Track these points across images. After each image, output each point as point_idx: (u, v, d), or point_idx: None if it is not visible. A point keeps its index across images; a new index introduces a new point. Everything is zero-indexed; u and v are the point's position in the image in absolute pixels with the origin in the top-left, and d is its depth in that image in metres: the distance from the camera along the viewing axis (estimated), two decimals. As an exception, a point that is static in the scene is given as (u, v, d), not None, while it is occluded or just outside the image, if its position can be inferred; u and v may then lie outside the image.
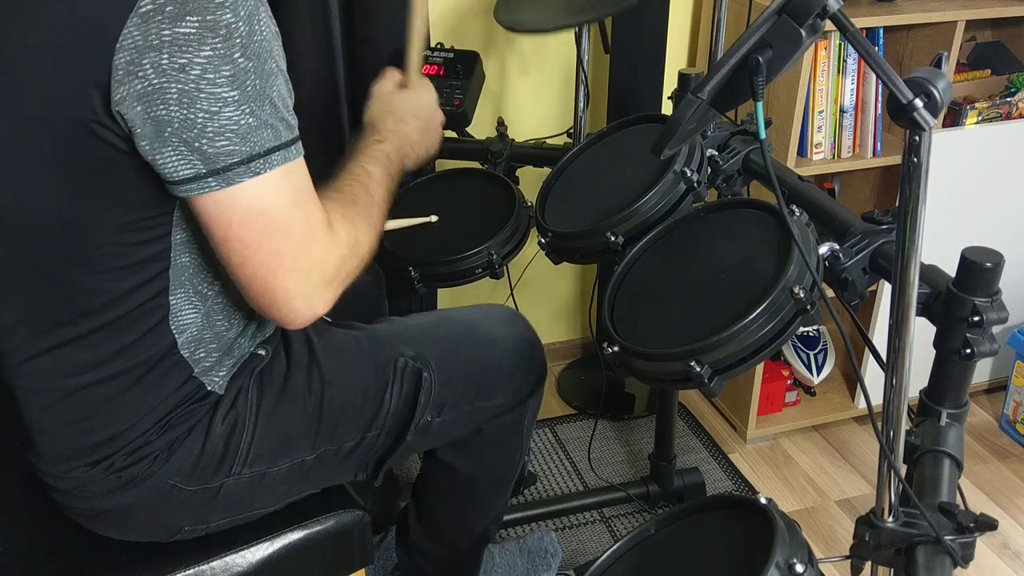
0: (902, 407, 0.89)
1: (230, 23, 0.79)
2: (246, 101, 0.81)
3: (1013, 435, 2.13)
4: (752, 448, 2.10)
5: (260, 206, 0.85)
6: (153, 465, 0.98)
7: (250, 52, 0.81)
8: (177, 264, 0.93)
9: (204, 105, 0.80)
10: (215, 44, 0.78)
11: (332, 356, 1.12)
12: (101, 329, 0.92)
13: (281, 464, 1.07)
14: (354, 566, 1.18)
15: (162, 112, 0.79)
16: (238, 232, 0.85)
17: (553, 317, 2.38)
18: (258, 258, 0.86)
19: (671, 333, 1.01)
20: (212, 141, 0.81)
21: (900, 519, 0.91)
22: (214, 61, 0.79)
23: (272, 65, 0.84)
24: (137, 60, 0.78)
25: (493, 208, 1.52)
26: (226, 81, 0.80)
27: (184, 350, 0.97)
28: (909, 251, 0.82)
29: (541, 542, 1.68)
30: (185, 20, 0.77)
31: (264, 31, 0.82)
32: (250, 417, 1.03)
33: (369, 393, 1.13)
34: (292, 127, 0.87)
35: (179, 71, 0.78)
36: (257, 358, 1.05)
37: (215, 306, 0.98)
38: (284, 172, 0.85)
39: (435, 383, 1.16)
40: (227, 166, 0.82)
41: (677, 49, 2.11)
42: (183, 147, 0.81)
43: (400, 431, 1.16)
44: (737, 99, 0.86)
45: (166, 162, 0.82)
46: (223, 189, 0.83)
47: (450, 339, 1.23)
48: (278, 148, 0.85)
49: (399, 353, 1.16)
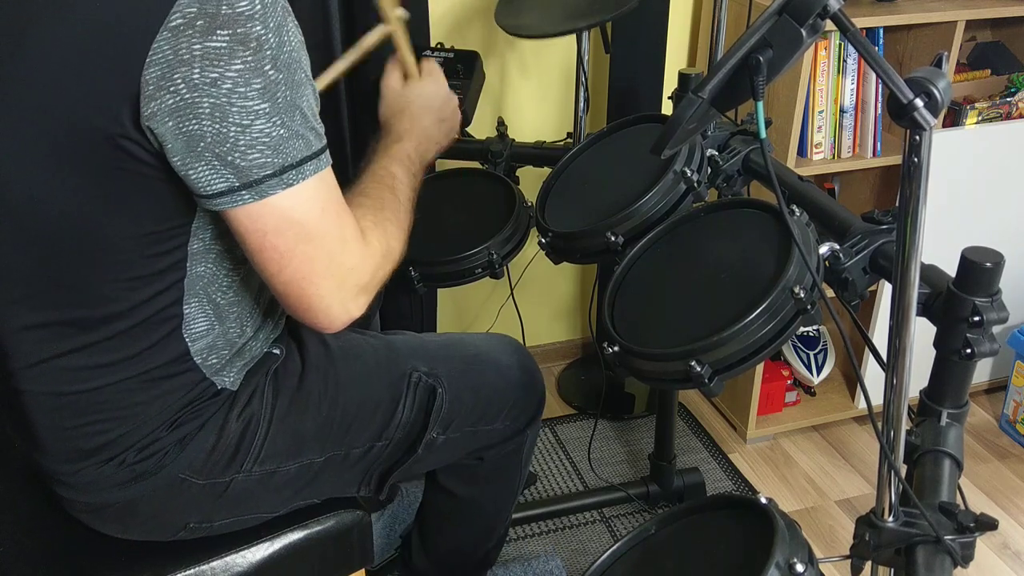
0: (902, 407, 0.89)
1: (260, 35, 0.79)
2: (277, 113, 0.81)
3: (1013, 435, 2.13)
4: (752, 448, 2.10)
5: (294, 216, 0.85)
6: (164, 459, 0.98)
7: (280, 64, 0.80)
8: (192, 274, 0.93)
9: (236, 119, 0.79)
10: (246, 57, 0.78)
11: (348, 362, 1.12)
12: (114, 337, 0.92)
13: (291, 464, 1.07)
14: (354, 566, 1.18)
15: (194, 127, 0.79)
16: (273, 242, 0.85)
17: (553, 317, 2.38)
18: (293, 266, 0.87)
19: (671, 333, 1.01)
20: (244, 154, 0.81)
21: (900, 519, 0.91)
22: (245, 74, 0.78)
23: (301, 75, 0.84)
24: (168, 75, 0.77)
25: (493, 208, 1.52)
26: (257, 94, 0.80)
27: (197, 357, 0.97)
28: (909, 251, 0.82)
29: (546, 565, 1.70)
30: (216, 34, 0.77)
31: (293, 41, 0.82)
32: (264, 416, 1.03)
33: (382, 403, 1.14)
34: (321, 136, 0.87)
35: (211, 85, 0.78)
36: (272, 357, 1.05)
37: (228, 315, 0.98)
38: (316, 181, 0.86)
39: (446, 400, 1.18)
40: (260, 178, 0.82)
41: (677, 49, 2.11)
42: (216, 161, 0.81)
43: (410, 444, 1.17)
44: (737, 99, 0.86)
45: (199, 177, 0.82)
46: (257, 201, 0.83)
47: (462, 360, 1.24)
48: (310, 158, 0.85)
49: (413, 367, 1.17)
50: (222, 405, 1.01)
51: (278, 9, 0.80)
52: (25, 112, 0.83)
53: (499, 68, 2.00)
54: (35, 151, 0.84)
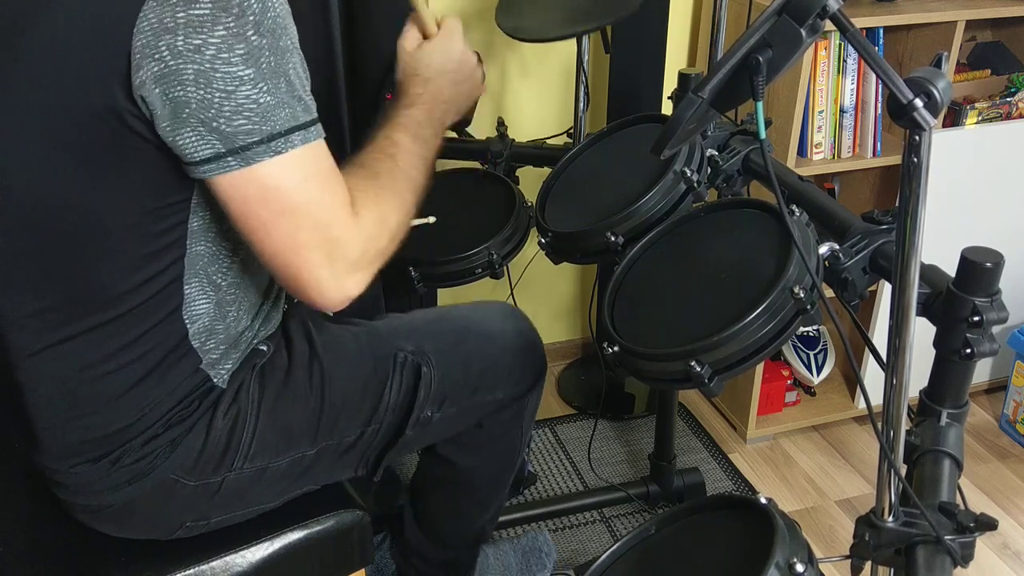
0: (902, 407, 0.89)
1: (242, 2, 0.79)
2: (262, 79, 0.81)
3: (1013, 435, 2.13)
4: (752, 448, 2.10)
5: (277, 184, 0.85)
6: (156, 460, 0.98)
7: (263, 29, 0.81)
8: (192, 253, 0.93)
9: (220, 84, 0.80)
10: (228, 23, 0.79)
11: (332, 352, 1.12)
12: (115, 320, 0.92)
13: (282, 459, 1.07)
14: (354, 566, 1.18)
15: (179, 93, 0.80)
16: (256, 210, 0.85)
17: (553, 317, 2.38)
18: (277, 237, 0.86)
19: (671, 333, 1.01)
20: (230, 120, 0.81)
21: (900, 519, 0.91)
22: (228, 40, 0.79)
23: (287, 42, 0.84)
24: (153, 43, 0.78)
25: (493, 208, 1.52)
26: (240, 60, 0.80)
27: (194, 340, 0.97)
28: (909, 251, 0.82)
29: (535, 541, 1.69)
30: (199, 2, 0.78)
31: (277, 7, 0.83)
32: (252, 412, 1.03)
33: (369, 388, 1.13)
34: (310, 108, 0.87)
35: (194, 52, 0.78)
36: (259, 353, 1.05)
37: (227, 296, 0.98)
38: (304, 151, 0.85)
39: (434, 378, 1.16)
40: (246, 145, 0.82)
41: (677, 49, 2.11)
42: (201, 127, 0.81)
43: (400, 425, 1.16)
44: (737, 99, 0.86)
45: (185, 143, 0.82)
46: (242, 168, 0.83)
47: (449, 334, 1.22)
48: (298, 128, 0.85)
49: (398, 348, 1.16)
50: (211, 405, 1.01)
51: None
52: (21, 94, 0.84)
53: (499, 68, 2.00)
54: (31, 133, 0.85)
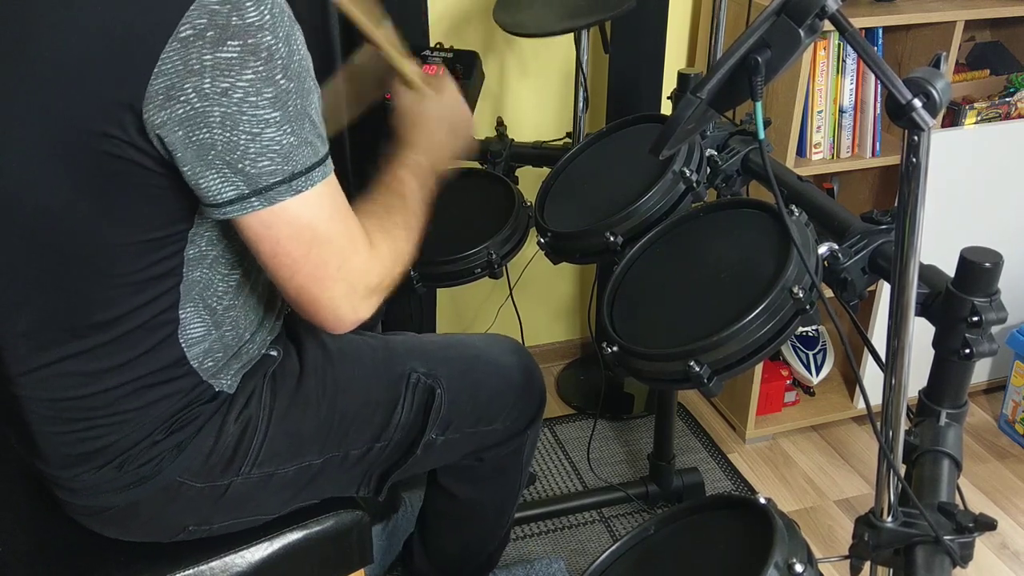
0: (901, 407, 0.89)
1: (271, 45, 0.79)
2: (287, 121, 0.82)
3: (1012, 435, 2.13)
4: (751, 448, 2.10)
5: (304, 221, 0.86)
6: (162, 463, 0.98)
7: (291, 72, 0.81)
8: (188, 280, 0.93)
9: (247, 127, 0.80)
10: (257, 67, 0.78)
11: (346, 363, 1.12)
12: (110, 343, 0.92)
13: (289, 466, 1.07)
14: (354, 566, 1.18)
15: (205, 136, 0.79)
16: (286, 247, 0.86)
17: (552, 317, 2.38)
18: (306, 271, 0.88)
19: (670, 333, 1.01)
20: (255, 162, 0.81)
21: (899, 519, 0.91)
22: (256, 84, 0.79)
23: (310, 83, 0.84)
24: (179, 85, 0.77)
25: (493, 208, 1.52)
26: (268, 103, 0.80)
27: (193, 362, 0.97)
28: (908, 251, 0.82)
29: (549, 568, 1.70)
30: (227, 45, 0.77)
31: (301, 50, 0.83)
32: (263, 419, 1.03)
33: (381, 404, 1.14)
34: (326, 140, 0.88)
35: (222, 95, 0.78)
36: (269, 359, 1.05)
37: (224, 319, 0.98)
38: (324, 187, 0.86)
39: (445, 401, 1.18)
40: (269, 185, 0.83)
41: (677, 49, 2.11)
42: (226, 169, 0.81)
43: (408, 446, 1.17)
44: (736, 99, 0.86)
45: (209, 185, 0.82)
46: (266, 208, 0.84)
47: (461, 361, 1.24)
48: (317, 164, 0.85)
49: (412, 368, 1.17)
50: (219, 408, 1.00)
51: (285, 19, 0.81)
52: (25, 115, 0.83)
53: (498, 68, 2.00)
54: (35, 154, 0.84)
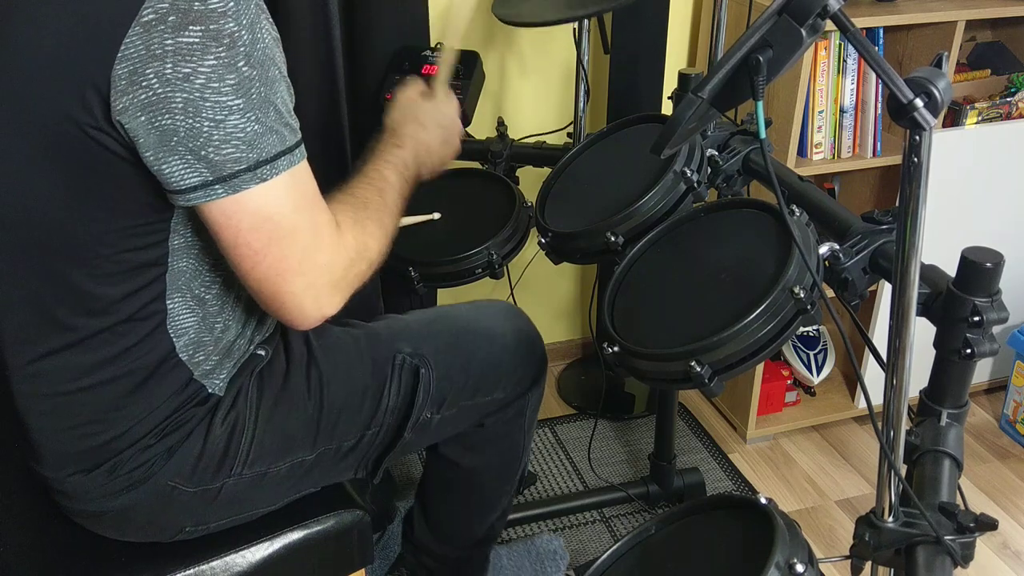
0: (902, 407, 0.89)
1: (233, 32, 0.79)
2: (251, 108, 0.81)
3: (1013, 435, 2.13)
4: (752, 448, 2.10)
5: (267, 212, 0.85)
6: (152, 468, 0.98)
7: (254, 60, 0.81)
8: (174, 269, 0.93)
9: (209, 114, 0.80)
10: (219, 53, 0.78)
11: (330, 355, 1.12)
12: (99, 334, 0.92)
13: (281, 464, 1.07)
14: (354, 566, 1.18)
15: (167, 121, 0.79)
16: (247, 238, 0.85)
17: (553, 317, 2.38)
18: (267, 263, 0.87)
19: (671, 333, 1.01)
20: (218, 149, 0.81)
21: (900, 519, 0.91)
22: (218, 70, 0.79)
23: (275, 71, 0.84)
24: (140, 70, 0.77)
25: (493, 208, 1.52)
26: (231, 90, 0.80)
27: (183, 353, 0.97)
28: (909, 251, 0.82)
29: (549, 545, 1.70)
30: (188, 30, 0.77)
31: (266, 38, 0.82)
32: (250, 418, 1.03)
33: (368, 391, 1.13)
34: (295, 131, 0.87)
35: (183, 80, 0.78)
36: (257, 358, 1.05)
37: (212, 309, 0.98)
38: (290, 177, 0.86)
39: (433, 379, 1.17)
40: (233, 173, 0.82)
41: (677, 49, 2.11)
42: (189, 156, 0.81)
43: (399, 428, 1.16)
44: (737, 99, 0.86)
45: (172, 171, 0.82)
46: (230, 196, 0.83)
47: (448, 335, 1.23)
48: (283, 153, 0.85)
49: (397, 350, 1.16)
50: (208, 412, 1.00)
51: (251, 7, 0.81)
52: (6, 106, 0.84)
53: (499, 68, 2.00)
54: (12, 143, 0.84)
